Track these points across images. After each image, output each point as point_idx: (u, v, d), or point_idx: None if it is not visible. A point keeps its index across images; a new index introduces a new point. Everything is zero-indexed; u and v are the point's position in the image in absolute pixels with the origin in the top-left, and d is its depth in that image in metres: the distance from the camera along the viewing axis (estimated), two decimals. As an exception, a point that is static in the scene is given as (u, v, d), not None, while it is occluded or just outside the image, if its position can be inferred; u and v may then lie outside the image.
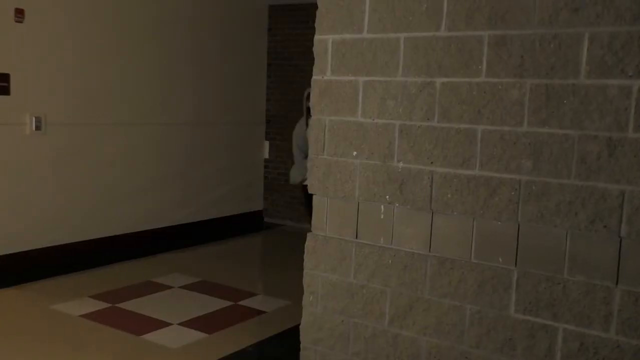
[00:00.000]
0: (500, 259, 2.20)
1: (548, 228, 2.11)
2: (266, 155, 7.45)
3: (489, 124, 2.20)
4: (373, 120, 2.42)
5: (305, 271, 2.57)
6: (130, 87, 5.76)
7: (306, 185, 3.47)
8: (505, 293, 2.19)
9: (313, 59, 2.53)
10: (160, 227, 6.26)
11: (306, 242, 2.56)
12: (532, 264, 2.14)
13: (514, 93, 2.15)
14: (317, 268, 2.55)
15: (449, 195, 2.28)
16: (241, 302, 4.66)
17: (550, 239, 2.11)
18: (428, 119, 2.31)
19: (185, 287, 5.09)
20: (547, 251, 2.12)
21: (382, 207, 2.42)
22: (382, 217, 2.42)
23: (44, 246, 5.11)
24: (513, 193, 2.16)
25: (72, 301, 4.53)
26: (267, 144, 7.42)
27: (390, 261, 2.41)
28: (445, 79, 2.27)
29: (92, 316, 4.29)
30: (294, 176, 5.27)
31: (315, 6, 2.51)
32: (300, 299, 2.60)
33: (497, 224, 2.20)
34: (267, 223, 7.45)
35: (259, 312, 4.54)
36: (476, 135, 2.22)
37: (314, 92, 2.56)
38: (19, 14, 4.67)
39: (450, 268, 2.29)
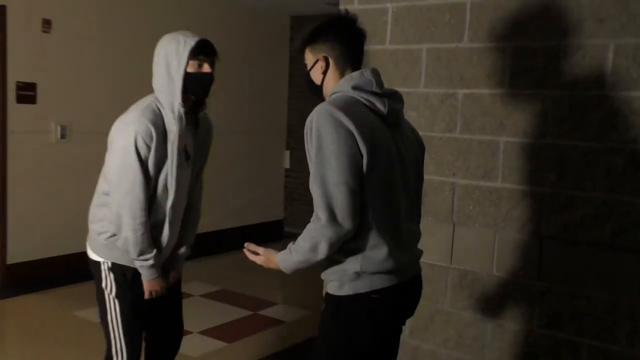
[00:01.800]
0: (522, 272, 2.17)
1: (571, 241, 2.08)
2: (287, 165, 7.47)
3: (511, 136, 2.18)
4: (394, 131, 2.41)
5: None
6: (154, 97, 5.80)
7: None
8: (528, 307, 2.16)
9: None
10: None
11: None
12: (556, 277, 2.11)
13: (537, 104, 2.13)
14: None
15: (470, 207, 2.27)
16: (260, 312, 4.65)
17: (573, 253, 2.08)
18: (450, 130, 2.30)
19: (205, 295, 5.11)
20: (570, 265, 2.09)
21: (403, 218, 2.41)
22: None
23: (67, 253, 5.17)
24: (536, 206, 2.14)
25: (94, 308, 4.56)
26: (287, 153, 7.44)
27: (410, 273, 2.39)
28: (467, 90, 2.26)
29: (113, 323, 4.33)
30: None
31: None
32: (319, 309, 2.59)
33: (520, 236, 2.17)
34: (287, 232, 7.45)
35: (278, 322, 4.53)
36: (498, 146, 2.21)
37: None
38: (46, 24, 4.75)
39: (472, 280, 2.27)
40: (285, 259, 1.59)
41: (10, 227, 4.83)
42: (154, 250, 2.03)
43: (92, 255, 2.13)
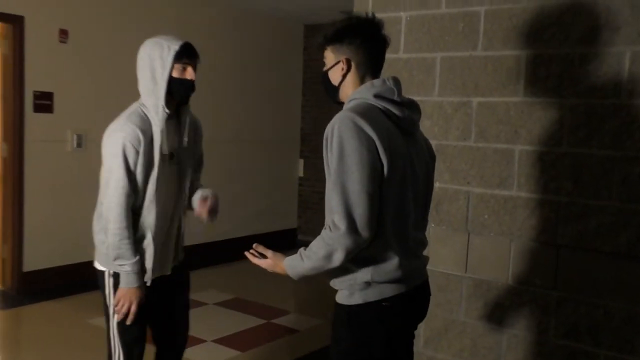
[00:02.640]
0: (538, 282, 2.15)
1: (588, 251, 2.06)
2: (301, 173, 7.48)
3: (526, 144, 2.16)
4: (408, 139, 2.41)
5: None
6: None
7: None
8: (544, 317, 2.14)
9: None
10: (195, 243, 6.32)
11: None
12: (572, 287, 2.09)
13: (552, 113, 2.11)
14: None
15: (485, 216, 2.25)
16: (274, 320, 4.65)
17: (590, 262, 2.06)
18: (464, 139, 2.29)
19: (219, 304, 5.12)
20: (587, 274, 2.06)
21: (417, 227, 2.40)
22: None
23: (82, 261, 5.21)
24: (552, 214, 2.12)
25: (109, 315, 4.60)
26: (301, 161, 7.45)
27: (425, 282, 2.38)
28: (481, 99, 2.25)
29: (127, 331, 4.35)
30: None
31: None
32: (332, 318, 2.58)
33: (535, 245, 2.15)
34: (301, 241, 7.45)
35: (292, 331, 4.52)
36: (513, 155, 2.19)
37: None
38: (63, 34, 4.81)
39: (487, 290, 2.25)
40: (294, 265, 1.58)
41: (26, 235, 4.87)
42: (135, 258, 2.03)
43: (97, 265, 2.20)
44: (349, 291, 1.57)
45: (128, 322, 2.08)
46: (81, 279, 5.18)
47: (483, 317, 2.26)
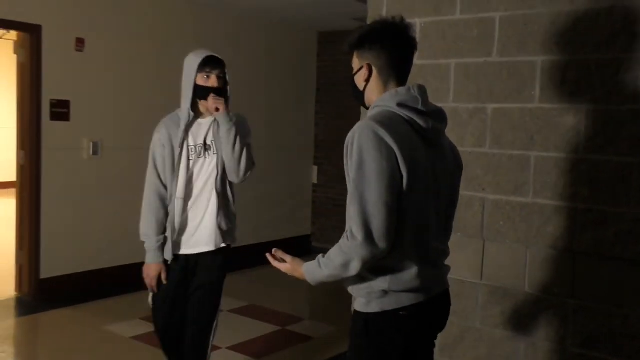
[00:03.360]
0: (555, 290, 2.13)
1: (606, 258, 2.03)
2: (314, 180, 7.48)
3: (542, 151, 2.15)
4: (423, 146, 2.40)
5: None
6: (183, 113, 5.88)
7: None
8: (561, 325, 2.12)
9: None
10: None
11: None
12: (590, 295, 2.06)
13: (569, 119, 2.10)
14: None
15: (501, 223, 2.24)
16: (288, 327, 4.64)
17: (608, 270, 2.03)
18: (480, 145, 2.28)
19: (233, 310, 5.12)
20: (604, 282, 2.04)
21: (432, 234, 2.38)
22: (432, 244, 2.39)
23: (98, 268, 5.24)
24: (569, 221, 2.10)
25: (124, 322, 4.61)
26: (315, 168, 7.45)
27: (440, 289, 2.36)
28: (497, 105, 2.24)
29: (143, 338, 4.36)
30: None
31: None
32: (347, 325, 2.57)
33: (552, 252, 2.13)
34: (315, 247, 7.44)
35: (306, 338, 4.51)
36: (529, 161, 2.18)
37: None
38: (80, 43, 4.86)
39: (503, 297, 2.23)
40: (313, 271, 1.58)
41: (43, 242, 4.92)
42: (157, 237, 2.39)
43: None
44: (366, 299, 1.57)
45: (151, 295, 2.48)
46: (98, 286, 5.21)
47: (499, 324, 2.24)
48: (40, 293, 4.94)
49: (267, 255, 1.70)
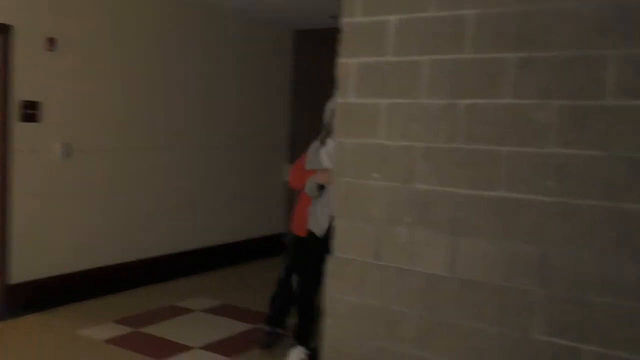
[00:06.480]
0: (525, 281, 2.17)
1: (574, 249, 2.08)
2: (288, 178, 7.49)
3: (514, 145, 2.19)
4: (396, 142, 2.42)
5: (326, 294, 2.56)
6: (155, 112, 5.85)
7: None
8: (530, 315, 2.16)
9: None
10: (183, 250, 6.30)
11: (327, 265, 2.56)
12: (558, 286, 2.11)
13: (540, 114, 2.14)
14: (338, 291, 2.53)
15: (472, 217, 2.27)
16: (262, 325, 4.64)
17: (576, 261, 2.08)
18: (452, 141, 2.31)
19: (207, 310, 5.09)
20: (573, 273, 2.08)
21: (404, 229, 2.41)
22: (404, 239, 2.41)
23: (70, 271, 5.17)
24: (538, 214, 2.14)
25: (97, 326, 4.56)
26: (289, 167, 7.46)
27: (411, 283, 2.39)
28: (469, 101, 2.27)
29: (116, 341, 4.31)
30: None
31: (340, 31, 2.54)
32: (321, 322, 2.58)
33: (522, 245, 2.17)
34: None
35: (280, 336, 4.51)
36: (500, 156, 2.21)
37: (338, 114, 2.58)
38: (51, 43, 4.79)
39: (473, 290, 2.26)
40: None
41: (13, 247, 4.82)
42: None
43: None
44: None
45: None
46: (69, 290, 5.13)
47: (469, 317, 2.27)
48: (9, 299, 4.84)
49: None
